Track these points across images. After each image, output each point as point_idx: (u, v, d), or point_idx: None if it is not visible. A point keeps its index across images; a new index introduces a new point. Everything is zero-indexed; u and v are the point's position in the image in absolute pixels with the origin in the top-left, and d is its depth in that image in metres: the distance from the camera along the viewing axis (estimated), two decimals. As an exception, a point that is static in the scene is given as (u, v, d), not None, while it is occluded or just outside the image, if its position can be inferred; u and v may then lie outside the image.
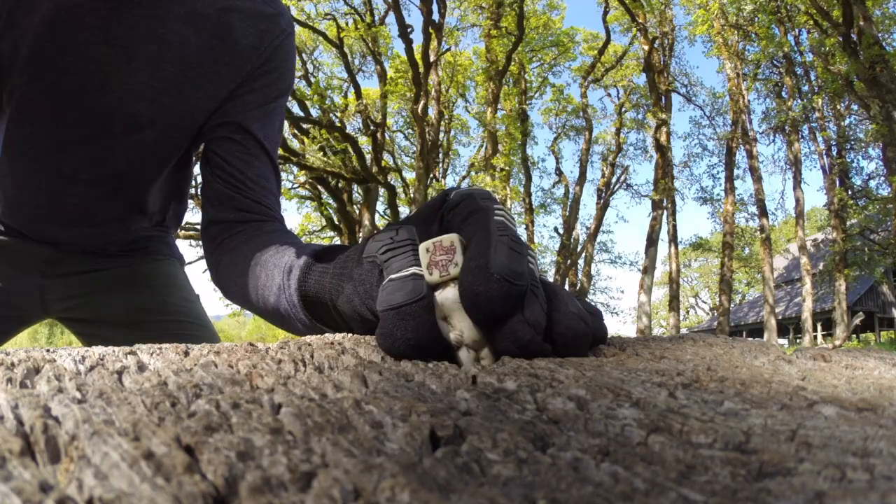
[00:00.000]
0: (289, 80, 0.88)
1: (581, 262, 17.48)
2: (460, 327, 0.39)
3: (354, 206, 13.52)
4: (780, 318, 18.54)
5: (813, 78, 15.46)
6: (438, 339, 0.39)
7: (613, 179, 18.34)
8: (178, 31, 0.77)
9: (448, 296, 0.39)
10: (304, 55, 14.95)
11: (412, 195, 13.89)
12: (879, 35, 11.59)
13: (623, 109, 18.66)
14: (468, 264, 0.38)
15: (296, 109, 12.51)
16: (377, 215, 14.38)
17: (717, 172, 17.56)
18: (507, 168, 16.04)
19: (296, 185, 13.84)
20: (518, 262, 0.38)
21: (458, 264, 0.39)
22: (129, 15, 0.74)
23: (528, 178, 17.88)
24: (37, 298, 1.01)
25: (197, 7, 0.78)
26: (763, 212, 15.43)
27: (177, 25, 0.77)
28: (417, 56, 11.79)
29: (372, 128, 13.57)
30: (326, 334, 0.48)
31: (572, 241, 17.20)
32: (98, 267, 1.03)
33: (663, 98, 16.21)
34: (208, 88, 0.82)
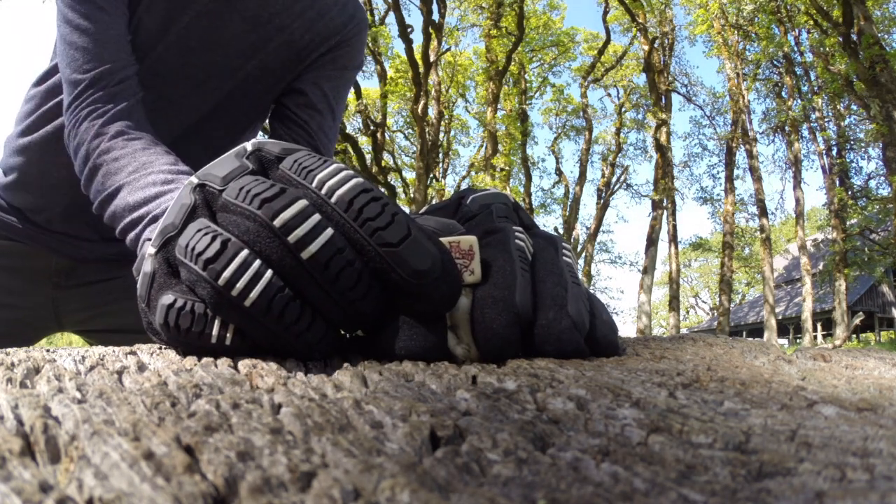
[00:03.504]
0: (361, 57, 0.99)
1: (581, 261, 17.48)
2: (468, 341, 0.36)
3: (354, 206, 13.49)
4: (780, 318, 18.54)
5: (813, 78, 15.47)
6: (445, 352, 0.37)
7: (613, 179, 18.36)
8: (286, 2, 0.86)
9: (459, 305, 0.36)
10: (304, 55, 14.94)
11: (412, 195, 13.89)
12: (879, 35, 11.59)
13: (623, 109, 18.67)
14: (490, 292, 0.36)
15: (296, 109, 12.49)
16: (377, 215, 14.32)
17: (717, 172, 17.59)
18: (507, 168, 16.04)
19: (296, 185, 13.79)
20: (532, 304, 0.37)
21: (473, 272, 0.37)
22: None
23: (528, 178, 17.88)
24: (50, 312, 1.01)
25: None
26: (763, 212, 15.42)
27: (287, 0, 0.86)
28: (417, 56, 11.79)
29: (372, 128, 13.57)
30: None
31: (572, 241, 17.20)
32: (112, 276, 1.02)
33: (663, 98, 16.21)
34: (301, 54, 0.91)
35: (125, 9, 0.77)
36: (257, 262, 0.32)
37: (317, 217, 0.32)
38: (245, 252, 0.32)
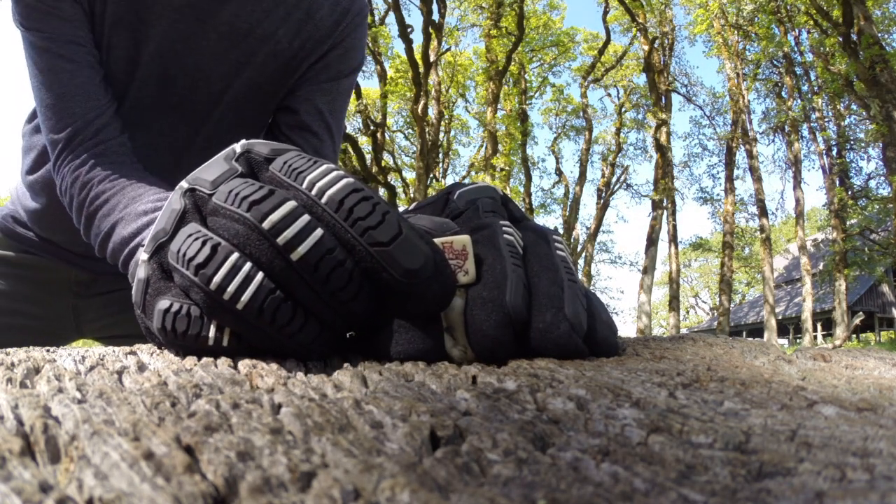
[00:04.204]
0: (360, 57, 0.90)
1: (581, 261, 17.48)
2: (464, 343, 0.36)
3: (354, 207, 13.51)
4: (780, 318, 18.54)
5: (813, 78, 15.48)
6: (442, 354, 0.36)
7: (613, 179, 18.37)
8: (268, 6, 0.79)
9: (454, 306, 0.36)
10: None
11: (412, 195, 13.90)
12: (879, 35, 11.59)
13: (623, 109, 18.68)
14: (480, 292, 0.35)
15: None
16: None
17: (717, 172, 17.59)
18: (507, 168, 16.05)
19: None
20: (528, 306, 0.36)
21: (468, 272, 0.36)
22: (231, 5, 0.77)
23: (528, 178, 17.88)
24: (71, 320, 1.01)
25: None
26: (763, 212, 15.43)
27: (267, 2, 0.79)
28: (417, 56, 11.79)
29: (372, 128, 13.57)
30: None
31: (572, 241, 17.20)
32: (129, 285, 1.01)
33: (663, 98, 16.22)
34: (291, 64, 0.83)
35: (91, 48, 0.72)
36: (248, 266, 0.32)
37: (306, 218, 0.32)
38: (235, 255, 0.32)
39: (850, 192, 14.12)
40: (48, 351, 0.38)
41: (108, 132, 0.71)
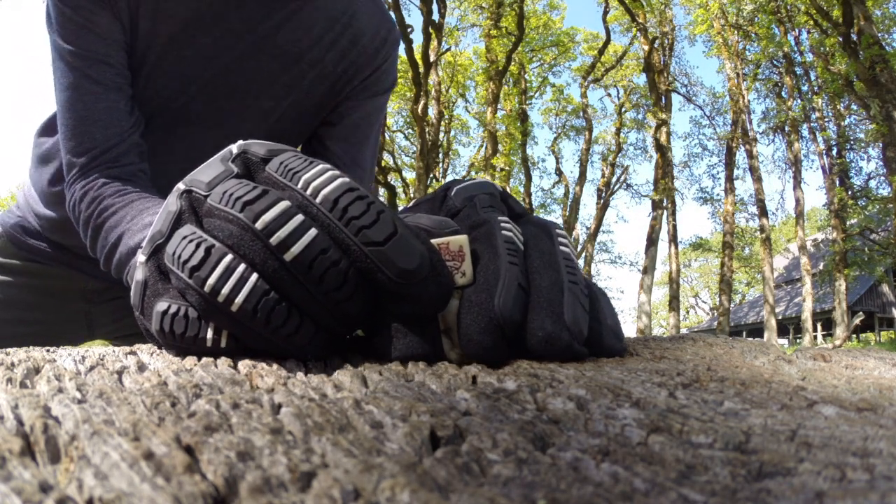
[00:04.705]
0: (393, 78, 0.93)
1: (581, 262, 17.48)
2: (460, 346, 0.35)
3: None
4: (780, 318, 18.54)
5: (813, 78, 15.48)
6: (440, 357, 0.36)
7: (613, 179, 18.37)
8: (318, 33, 0.81)
9: (451, 308, 0.35)
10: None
11: (412, 195, 13.90)
12: (879, 35, 11.60)
13: (623, 109, 18.69)
14: (470, 295, 0.35)
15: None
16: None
17: (717, 172, 17.59)
18: (507, 168, 16.05)
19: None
20: (521, 307, 0.35)
21: (465, 274, 0.35)
22: (276, 18, 0.78)
23: (528, 178, 17.89)
24: (83, 325, 1.01)
25: (333, 13, 0.82)
26: (763, 212, 15.43)
27: (317, 30, 0.81)
28: (417, 56, 11.80)
29: (372, 128, 13.54)
30: None
31: (572, 241, 17.19)
32: None
33: (663, 98, 16.22)
34: (336, 86, 0.86)
35: (121, 69, 0.72)
36: (241, 267, 0.32)
37: (300, 218, 0.32)
38: (229, 257, 0.32)
39: (850, 192, 14.11)
40: (48, 351, 0.38)
41: (127, 159, 0.71)
